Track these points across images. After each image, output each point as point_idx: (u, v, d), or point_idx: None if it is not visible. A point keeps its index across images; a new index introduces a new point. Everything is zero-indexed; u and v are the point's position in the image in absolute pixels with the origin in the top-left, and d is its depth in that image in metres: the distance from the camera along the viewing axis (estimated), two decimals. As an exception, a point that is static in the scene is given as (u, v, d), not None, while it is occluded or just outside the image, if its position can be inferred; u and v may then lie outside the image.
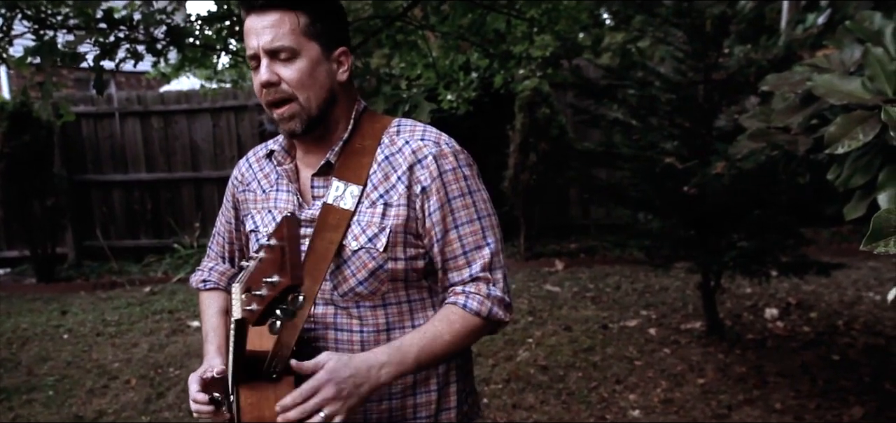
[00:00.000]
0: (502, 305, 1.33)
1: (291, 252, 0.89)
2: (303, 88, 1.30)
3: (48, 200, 7.04)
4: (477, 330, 1.33)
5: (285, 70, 1.29)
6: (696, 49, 4.02)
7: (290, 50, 1.28)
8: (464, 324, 1.30)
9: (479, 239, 1.33)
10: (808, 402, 3.50)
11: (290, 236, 0.90)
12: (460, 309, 1.31)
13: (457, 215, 1.33)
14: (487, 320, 1.32)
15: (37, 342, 5.26)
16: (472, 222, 1.34)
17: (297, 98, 1.30)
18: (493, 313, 1.32)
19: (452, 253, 1.33)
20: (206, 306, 1.56)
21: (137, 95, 8.09)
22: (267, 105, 1.33)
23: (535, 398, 3.74)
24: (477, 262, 1.33)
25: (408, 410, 1.38)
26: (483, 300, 1.31)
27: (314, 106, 1.31)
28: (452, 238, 1.33)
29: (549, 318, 5.03)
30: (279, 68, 1.28)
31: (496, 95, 6.09)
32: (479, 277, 1.32)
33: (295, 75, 1.29)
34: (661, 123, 4.25)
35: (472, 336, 1.33)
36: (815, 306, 4.95)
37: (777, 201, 3.77)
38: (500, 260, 1.35)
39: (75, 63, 2.70)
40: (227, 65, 5.80)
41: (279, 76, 1.29)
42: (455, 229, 1.33)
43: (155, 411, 3.90)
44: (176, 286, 6.73)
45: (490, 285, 1.33)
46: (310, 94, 1.30)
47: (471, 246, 1.33)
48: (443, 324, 1.29)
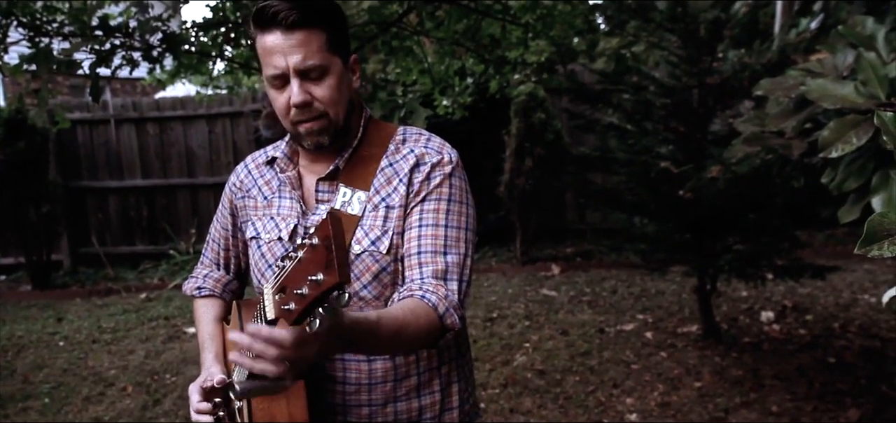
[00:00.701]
0: (456, 312, 1.26)
1: (338, 248, 0.87)
2: (334, 104, 1.30)
3: (43, 207, 7.03)
4: (433, 332, 1.22)
5: (317, 89, 1.28)
6: (691, 54, 4.03)
7: (321, 68, 1.27)
8: (427, 320, 1.20)
9: (439, 245, 1.30)
10: (804, 405, 3.51)
11: (336, 234, 0.88)
12: (423, 303, 1.22)
13: (425, 215, 1.32)
14: (441, 321, 1.23)
15: (32, 350, 5.24)
16: (437, 226, 1.31)
17: (328, 114, 1.30)
18: (448, 315, 1.24)
19: (409, 251, 1.30)
20: (201, 313, 1.55)
21: (133, 101, 8.09)
22: (294, 122, 1.31)
23: (533, 403, 3.75)
24: (428, 266, 1.28)
25: (413, 412, 1.38)
26: (441, 299, 1.24)
27: (341, 119, 1.33)
28: (414, 235, 1.31)
29: (546, 322, 5.04)
30: (311, 87, 1.28)
31: (492, 100, 6.10)
32: (432, 281, 1.27)
33: (327, 93, 1.28)
34: (656, 127, 4.27)
35: (428, 338, 1.22)
36: (810, 308, 4.96)
37: (772, 205, 3.79)
38: (457, 275, 1.29)
39: (71, 70, 2.70)
40: (223, 71, 5.80)
41: (312, 95, 1.28)
42: (419, 227, 1.31)
43: (151, 418, 3.89)
44: (172, 293, 6.72)
45: (445, 290, 1.27)
46: (339, 109, 1.31)
47: (428, 248, 1.29)
48: (411, 315, 1.19)
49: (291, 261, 0.93)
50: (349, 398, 1.35)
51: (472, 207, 1.38)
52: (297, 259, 0.92)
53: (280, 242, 1.40)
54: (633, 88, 4.23)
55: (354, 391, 1.35)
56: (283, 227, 1.40)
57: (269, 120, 6.10)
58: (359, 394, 1.35)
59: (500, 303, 5.58)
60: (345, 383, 1.35)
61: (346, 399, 1.36)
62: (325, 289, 0.88)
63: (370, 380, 1.35)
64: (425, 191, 1.33)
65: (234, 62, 3.93)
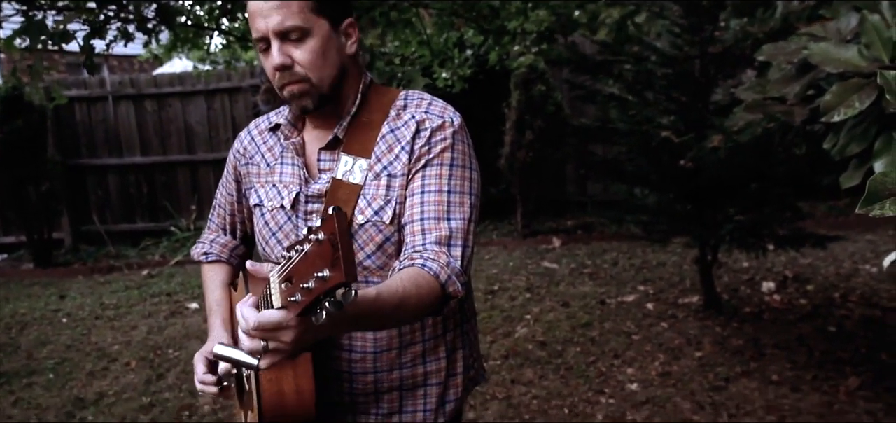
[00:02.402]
0: (459, 279, 1.23)
1: (344, 247, 0.87)
2: (315, 68, 1.28)
3: (43, 185, 7.02)
4: (435, 301, 1.20)
5: (297, 51, 1.26)
6: (693, 23, 3.99)
7: (301, 29, 1.25)
8: (429, 289, 1.18)
9: (442, 211, 1.28)
10: (804, 373, 3.52)
11: (342, 231, 0.88)
12: (424, 272, 1.19)
13: (427, 181, 1.30)
14: (443, 290, 1.20)
15: (36, 327, 5.27)
16: (441, 192, 1.29)
17: (310, 79, 1.28)
18: (451, 283, 1.21)
19: (411, 217, 1.28)
20: (209, 278, 1.55)
21: (130, 78, 8.04)
22: (279, 86, 1.30)
23: (534, 373, 3.76)
24: (432, 232, 1.26)
25: (418, 377, 1.39)
26: (442, 267, 1.21)
27: (326, 84, 1.30)
28: (416, 202, 1.29)
29: (547, 294, 5.05)
30: (291, 49, 1.26)
31: (491, 72, 6.07)
32: (434, 248, 1.24)
33: (307, 56, 1.26)
34: (658, 97, 4.24)
35: (430, 307, 1.20)
36: (811, 279, 4.96)
37: (774, 174, 3.77)
38: (461, 240, 1.27)
39: (64, 42, 2.67)
40: (220, 46, 5.77)
41: (292, 58, 1.26)
42: (421, 193, 1.29)
43: (155, 392, 3.92)
44: (173, 269, 6.73)
45: (448, 257, 1.24)
46: (322, 73, 1.28)
47: (431, 215, 1.27)
48: (412, 286, 1.16)
49: (297, 253, 0.93)
50: (355, 365, 1.36)
51: (477, 172, 1.36)
52: (303, 253, 0.92)
53: (282, 210, 1.39)
54: (635, 59, 4.19)
55: (360, 359, 1.35)
56: (285, 194, 1.39)
57: (267, 95, 6.07)
58: (364, 362, 1.36)
59: (501, 276, 5.59)
60: (351, 351, 1.35)
61: (352, 367, 1.36)
62: (331, 286, 0.88)
63: (375, 348, 1.35)
64: (427, 157, 1.31)
65: (230, 36, 3.89)
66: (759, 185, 3.98)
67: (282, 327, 0.99)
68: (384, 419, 1.39)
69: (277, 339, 1.01)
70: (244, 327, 1.03)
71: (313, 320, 0.93)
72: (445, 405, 1.42)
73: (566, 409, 3.37)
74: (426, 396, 1.40)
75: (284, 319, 0.98)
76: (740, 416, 3.18)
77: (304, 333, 1.00)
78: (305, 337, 1.02)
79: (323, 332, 1.04)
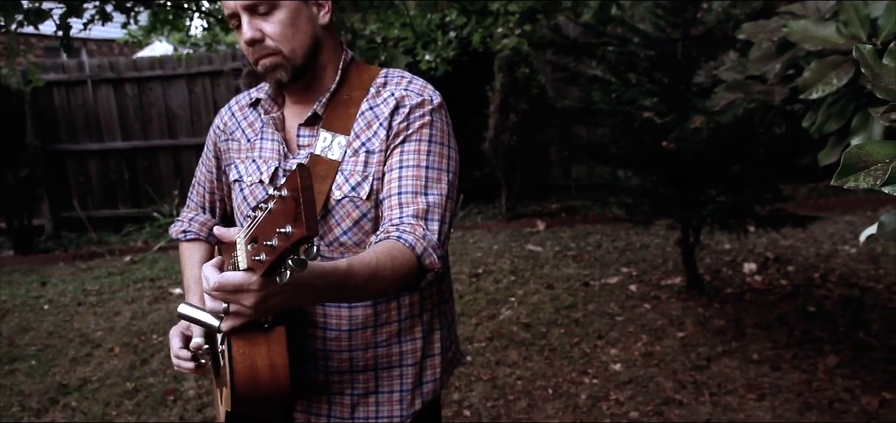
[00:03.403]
0: (436, 252, 1.23)
1: (306, 202, 0.87)
2: (286, 40, 1.28)
3: (22, 170, 6.92)
4: (412, 273, 1.19)
5: (267, 24, 1.27)
6: (676, 5, 4.00)
7: (268, 3, 1.26)
8: (404, 261, 1.18)
9: (420, 186, 1.28)
10: (784, 352, 3.57)
11: (304, 186, 0.87)
12: (400, 245, 1.19)
13: (405, 157, 1.30)
14: (420, 262, 1.20)
15: (17, 314, 5.22)
16: (419, 167, 1.29)
17: (281, 51, 1.28)
18: (427, 255, 1.20)
19: (389, 191, 1.28)
20: (187, 257, 1.55)
21: (110, 61, 7.92)
22: (253, 60, 1.31)
23: (519, 355, 3.79)
24: (410, 206, 1.26)
25: (393, 357, 1.39)
26: (418, 239, 1.21)
27: (299, 56, 1.30)
28: (394, 177, 1.29)
29: (532, 277, 5.07)
30: (260, 23, 1.27)
31: (475, 54, 6.05)
32: (411, 222, 1.24)
33: (277, 28, 1.27)
34: (640, 79, 4.25)
35: (407, 279, 1.19)
36: (792, 260, 5.02)
37: (755, 155, 3.81)
38: (439, 215, 1.27)
39: (40, 21, 2.62)
40: (202, 29, 5.70)
41: (262, 31, 1.27)
42: (400, 169, 1.29)
43: (139, 377, 3.90)
44: (156, 255, 6.68)
45: (425, 230, 1.24)
46: (293, 44, 1.28)
47: (408, 189, 1.27)
48: (386, 258, 1.16)
49: (262, 211, 0.93)
50: (329, 343, 1.36)
51: (455, 151, 1.36)
52: (267, 210, 0.92)
53: (261, 185, 1.39)
54: (618, 40, 4.20)
55: (335, 337, 1.35)
56: (265, 169, 1.39)
57: (249, 78, 6.02)
58: (339, 340, 1.36)
59: (485, 259, 5.60)
60: (325, 329, 1.35)
61: (327, 345, 1.36)
62: (293, 241, 0.88)
63: (350, 326, 1.35)
64: (405, 133, 1.31)
65: (211, 17, 3.85)
66: (740, 166, 4.02)
67: (243, 289, 0.98)
68: (360, 398, 1.39)
69: (238, 301, 1.00)
70: (205, 287, 1.03)
71: (277, 279, 0.92)
72: (423, 385, 1.42)
73: (550, 389, 3.40)
74: (402, 376, 1.40)
75: (245, 281, 0.97)
76: (721, 394, 3.22)
77: (266, 296, 0.99)
78: (268, 301, 1.00)
79: (288, 297, 1.03)
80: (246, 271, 0.97)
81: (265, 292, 0.98)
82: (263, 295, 0.98)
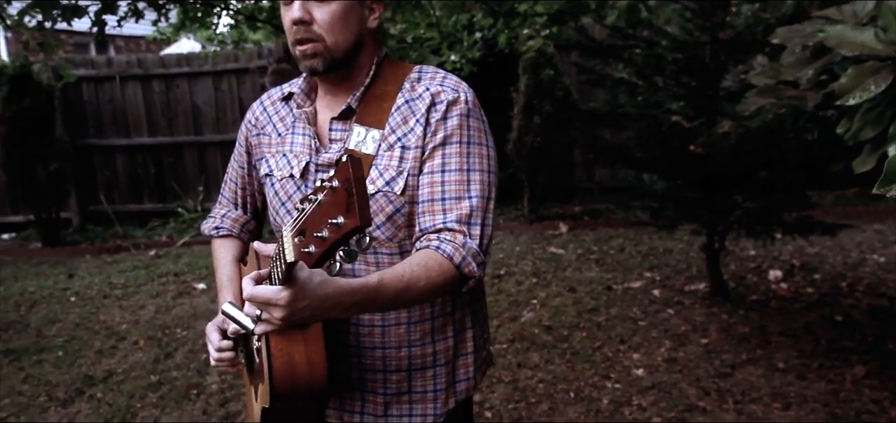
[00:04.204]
0: (476, 259, 1.24)
1: (359, 192, 0.87)
2: (332, 31, 1.28)
3: (51, 164, 7.03)
4: (450, 281, 1.21)
5: (318, 11, 1.27)
6: (704, 8, 3.97)
7: None
8: (440, 272, 1.19)
9: (462, 190, 1.27)
10: (810, 361, 3.52)
11: (357, 177, 0.87)
12: (437, 255, 1.20)
13: (447, 159, 1.30)
14: (459, 271, 1.21)
15: (44, 305, 5.30)
16: (461, 171, 1.28)
17: (324, 39, 1.28)
18: (466, 264, 1.21)
19: (430, 196, 1.28)
20: (220, 254, 1.55)
21: (137, 58, 8.03)
22: (293, 42, 1.31)
23: (540, 358, 3.77)
24: (453, 212, 1.26)
25: (427, 357, 1.39)
26: (457, 248, 1.22)
27: (340, 49, 1.30)
28: (436, 180, 1.28)
29: (554, 279, 5.05)
30: (313, 7, 1.27)
31: (500, 55, 6.04)
32: (454, 228, 1.24)
33: (327, 17, 1.27)
34: (667, 82, 4.22)
35: (445, 288, 1.21)
36: (818, 268, 4.95)
37: (784, 161, 3.75)
38: (480, 218, 1.27)
39: (77, 16, 2.66)
40: (228, 27, 5.74)
41: (311, 15, 1.27)
42: (441, 172, 1.29)
43: (163, 370, 3.94)
44: (180, 250, 6.75)
45: (465, 237, 1.24)
46: (338, 37, 1.29)
47: (451, 194, 1.27)
48: (420, 269, 1.17)
49: (311, 203, 0.92)
50: (363, 340, 1.36)
51: (493, 149, 1.36)
52: (317, 202, 0.91)
53: (292, 179, 1.39)
54: (645, 43, 4.17)
55: (368, 333, 1.36)
56: (295, 164, 1.39)
57: (275, 76, 6.06)
58: (372, 336, 1.36)
59: (507, 260, 5.59)
60: (358, 325, 1.36)
61: (361, 341, 1.36)
62: (345, 232, 0.87)
63: (383, 323, 1.35)
64: (443, 132, 1.31)
65: (238, 15, 3.88)
66: (768, 172, 3.96)
67: (271, 303, 1.03)
68: (393, 397, 1.39)
69: (268, 313, 1.06)
70: (244, 293, 1.08)
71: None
72: (456, 385, 1.42)
73: (572, 393, 3.38)
74: (436, 376, 1.40)
75: (273, 297, 1.02)
76: (746, 403, 3.19)
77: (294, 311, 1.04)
78: (296, 316, 1.05)
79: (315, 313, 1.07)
80: (277, 286, 1.01)
81: (291, 308, 1.02)
82: (291, 310, 1.02)
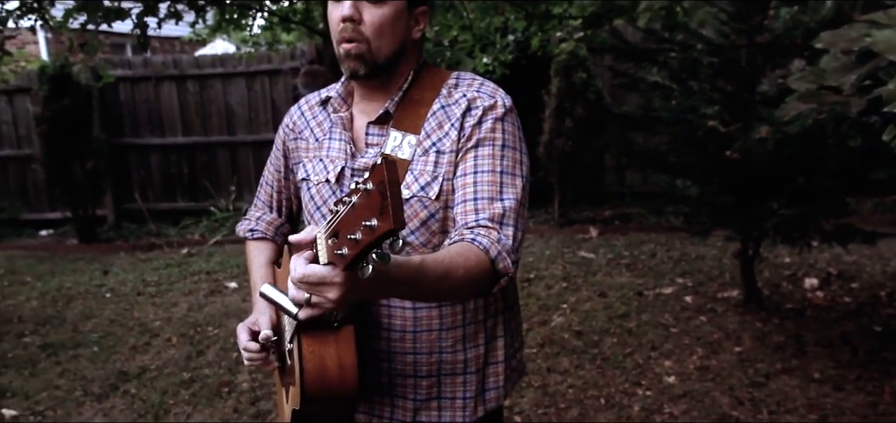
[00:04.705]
0: (510, 255, 1.22)
1: (393, 195, 0.86)
2: (379, 35, 1.28)
3: (88, 163, 7.18)
4: (484, 276, 1.19)
5: (368, 12, 1.27)
6: (740, 11, 3.90)
7: None
8: (477, 264, 1.17)
9: (495, 191, 1.27)
10: (848, 372, 3.44)
11: (391, 179, 0.87)
12: (474, 247, 1.19)
13: (480, 161, 1.29)
14: (493, 266, 1.20)
15: (80, 301, 5.41)
16: (494, 172, 1.29)
17: (370, 42, 1.28)
18: (501, 259, 1.20)
19: (464, 197, 1.28)
20: (254, 256, 1.56)
21: (173, 58, 8.16)
22: (339, 41, 1.31)
23: (570, 363, 3.74)
24: (485, 212, 1.25)
25: (458, 364, 1.38)
26: (493, 242, 1.21)
27: (383, 55, 1.30)
28: (469, 182, 1.28)
29: (584, 284, 5.01)
30: (364, 8, 1.27)
31: (533, 58, 6.02)
32: (487, 225, 1.24)
33: (376, 20, 1.28)
34: (702, 86, 4.16)
35: (480, 282, 1.19)
36: (856, 276, 4.84)
37: (823, 167, 3.67)
38: (513, 219, 1.27)
39: (120, 19, 2.72)
40: (262, 27, 5.80)
41: (361, 15, 1.27)
42: (474, 174, 1.29)
43: (195, 367, 3.99)
44: (212, 249, 6.84)
45: (499, 234, 1.24)
46: (383, 42, 1.29)
47: (484, 195, 1.27)
48: (460, 258, 1.15)
49: (345, 206, 0.92)
50: (394, 344, 1.36)
51: (526, 155, 1.35)
52: (350, 204, 0.91)
53: (328, 184, 1.40)
54: (680, 47, 4.12)
55: (399, 337, 1.36)
56: (332, 168, 1.39)
57: (307, 77, 6.11)
58: (404, 341, 1.36)
59: (537, 264, 5.56)
60: (390, 329, 1.36)
61: (392, 346, 1.36)
62: (379, 235, 0.87)
63: (415, 328, 1.35)
64: (477, 136, 1.31)
65: (273, 16, 3.92)
66: (806, 178, 3.89)
67: (326, 282, 0.98)
68: (422, 403, 1.39)
69: (321, 294, 1.00)
70: (292, 276, 1.03)
71: (359, 274, 0.92)
72: (486, 393, 1.41)
73: (602, 399, 3.35)
74: (465, 383, 1.39)
75: (329, 274, 0.97)
76: (781, 413, 3.12)
77: (349, 290, 0.99)
78: (350, 295, 1.00)
79: (366, 291, 1.03)
80: (328, 265, 0.97)
81: (348, 285, 0.98)
82: (346, 289, 0.98)
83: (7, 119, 8.05)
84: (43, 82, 6.98)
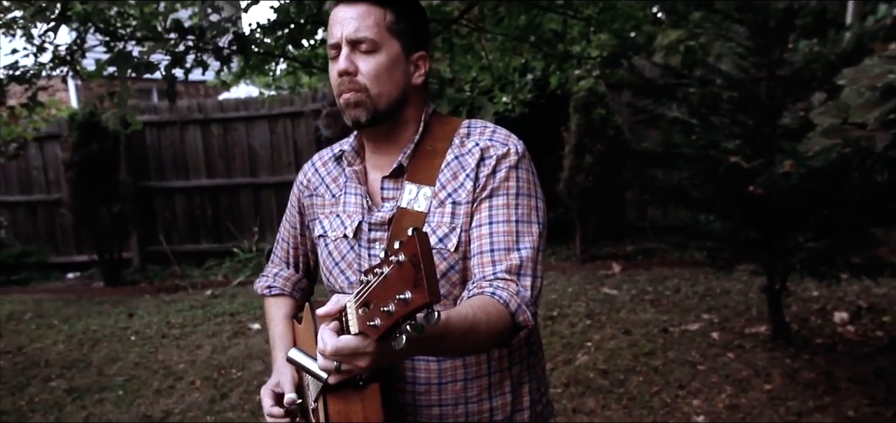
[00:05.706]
0: (529, 308, 1.23)
1: (426, 267, 0.86)
2: (376, 83, 1.30)
3: (115, 206, 7.30)
4: (505, 329, 1.19)
5: (363, 62, 1.30)
6: (759, 45, 3.90)
7: (372, 43, 1.29)
8: (499, 317, 1.17)
9: (511, 242, 1.27)
10: (883, 410, 3.36)
11: (424, 252, 0.87)
12: (494, 300, 1.19)
13: (495, 211, 1.30)
14: (513, 319, 1.20)
15: (106, 344, 5.46)
16: (509, 222, 1.29)
17: (368, 90, 1.30)
18: (521, 312, 1.20)
19: (480, 248, 1.28)
20: (272, 312, 1.57)
21: (198, 103, 8.32)
22: (338, 93, 1.33)
23: (596, 403, 3.69)
24: (503, 263, 1.26)
25: (484, 413, 1.37)
26: (512, 295, 1.21)
27: (383, 101, 1.32)
28: (484, 232, 1.29)
29: (608, 321, 4.96)
30: (358, 59, 1.30)
31: (551, 95, 6.04)
32: (505, 277, 1.24)
33: (372, 69, 1.30)
34: (723, 121, 4.15)
35: (502, 334, 1.19)
36: (888, 309, 4.74)
37: (848, 200, 3.63)
38: (530, 269, 1.27)
39: (149, 72, 2.81)
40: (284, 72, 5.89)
41: (357, 67, 1.30)
42: (490, 224, 1.29)
43: (219, 411, 4.00)
44: (236, 290, 6.88)
45: (517, 286, 1.24)
46: (382, 89, 1.31)
47: (500, 246, 1.27)
48: (482, 313, 1.15)
49: (376, 277, 0.92)
50: (419, 398, 1.35)
51: (542, 200, 1.35)
52: (382, 275, 0.91)
53: (345, 239, 1.40)
54: (700, 82, 4.12)
55: (425, 390, 1.35)
56: (349, 224, 1.40)
57: (328, 119, 6.19)
58: (429, 394, 1.35)
59: (560, 301, 5.52)
60: (415, 383, 1.35)
61: (417, 399, 1.35)
62: (413, 308, 0.87)
63: (440, 380, 1.34)
64: (491, 185, 1.31)
65: (295, 62, 4.00)
66: (831, 211, 3.84)
67: (358, 353, 0.99)
68: None
69: (353, 363, 1.02)
70: (321, 348, 1.04)
71: (393, 344, 0.93)
72: None
73: (630, 440, 3.30)
74: None
75: (361, 345, 0.98)
76: (815, 453, 3.05)
77: (379, 358, 1.00)
78: (381, 362, 1.02)
79: (396, 356, 1.04)
80: (359, 336, 0.98)
81: (379, 354, 0.99)
82: (377, 358, 1.00)
83: (37, 165, 8.23)
84: (72, 129, 7.15)
